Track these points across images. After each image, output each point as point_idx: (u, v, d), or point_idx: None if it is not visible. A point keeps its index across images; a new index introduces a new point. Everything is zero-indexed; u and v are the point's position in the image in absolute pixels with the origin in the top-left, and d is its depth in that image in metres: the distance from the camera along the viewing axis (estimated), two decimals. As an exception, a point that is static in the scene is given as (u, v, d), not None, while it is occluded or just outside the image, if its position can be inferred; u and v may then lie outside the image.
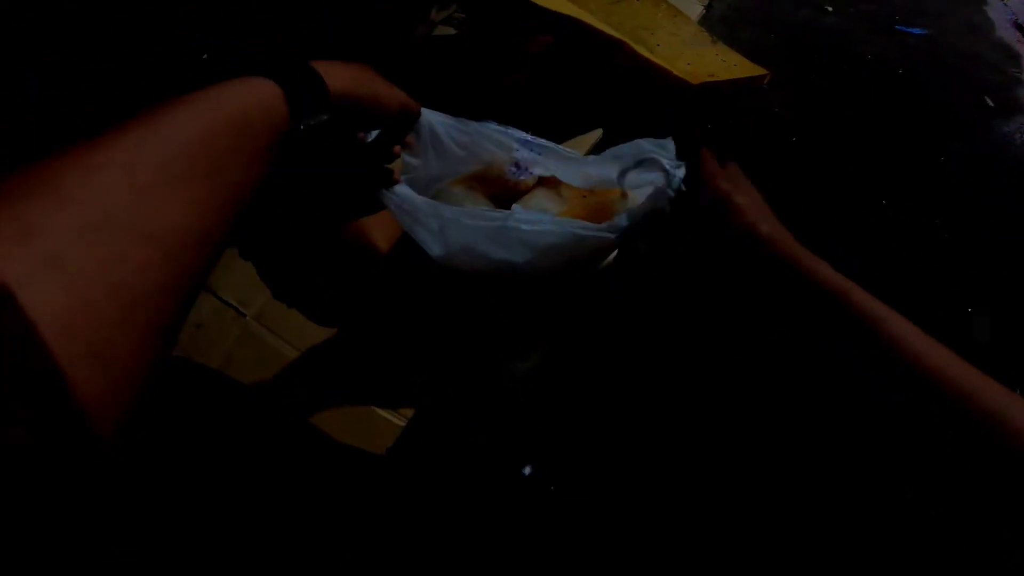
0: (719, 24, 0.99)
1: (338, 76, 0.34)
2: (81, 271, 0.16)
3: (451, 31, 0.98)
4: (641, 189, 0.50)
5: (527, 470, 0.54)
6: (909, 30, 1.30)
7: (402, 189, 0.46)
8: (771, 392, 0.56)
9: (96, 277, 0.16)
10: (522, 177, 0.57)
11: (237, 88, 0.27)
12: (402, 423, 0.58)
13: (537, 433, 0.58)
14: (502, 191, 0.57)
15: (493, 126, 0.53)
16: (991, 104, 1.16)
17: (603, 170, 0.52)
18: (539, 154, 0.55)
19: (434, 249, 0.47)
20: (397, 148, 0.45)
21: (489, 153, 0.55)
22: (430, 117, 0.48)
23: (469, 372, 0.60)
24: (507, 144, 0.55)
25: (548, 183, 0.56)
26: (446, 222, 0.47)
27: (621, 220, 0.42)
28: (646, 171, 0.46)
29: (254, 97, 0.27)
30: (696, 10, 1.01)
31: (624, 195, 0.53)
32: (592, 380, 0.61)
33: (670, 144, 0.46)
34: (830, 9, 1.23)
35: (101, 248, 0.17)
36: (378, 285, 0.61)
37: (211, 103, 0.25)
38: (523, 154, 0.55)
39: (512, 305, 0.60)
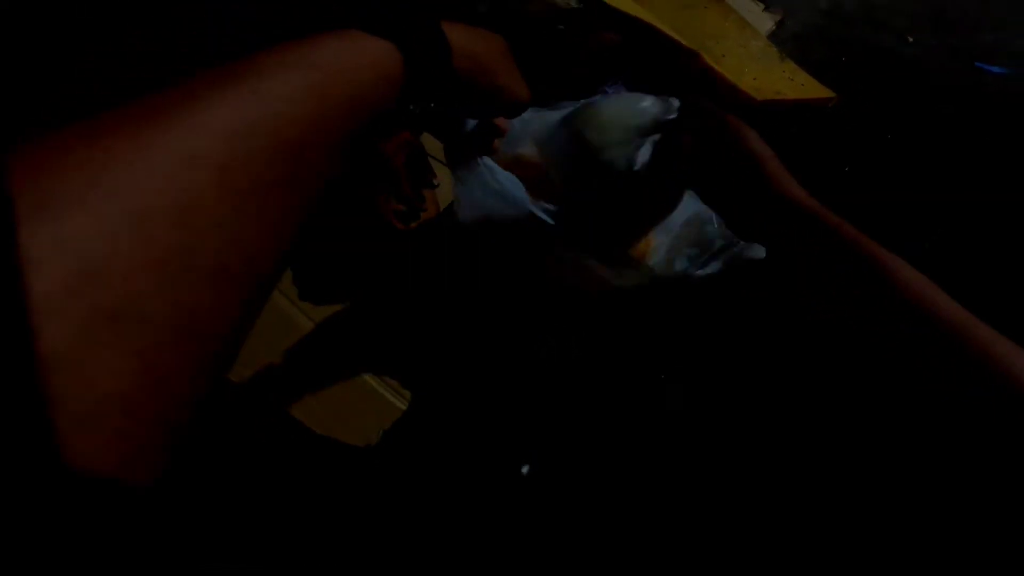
0: (790, 41, 0.97)
1: (466, 51, 0.26)
2: (157, 321, 0.12)
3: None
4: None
5: (525, 469, 0.53)
6: (989, 68, 1.24)
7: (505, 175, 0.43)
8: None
9: (171, 331, 0.12)
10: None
11: (350, 47, 0.20)
12: (403, 406, 0.57)
13: (543, 429, 0.57)
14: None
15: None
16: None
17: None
18: None
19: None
20: (497, 143, 0.40)
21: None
22: None
23: (487, 356, 0.59)
24: None
25: None
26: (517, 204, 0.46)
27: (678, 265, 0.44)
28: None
29: (371, 64, 0.20)
30: (767, 25, 0.98)
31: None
32: (611, 376, 0.61)
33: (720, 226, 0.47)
34: (911, 39, 1.18)
35: (180, 292, 0.13)
36: (402, 258, 0.60)
37: (324, 68, 0.18)
38: None
39: (540, 289, 0.60)
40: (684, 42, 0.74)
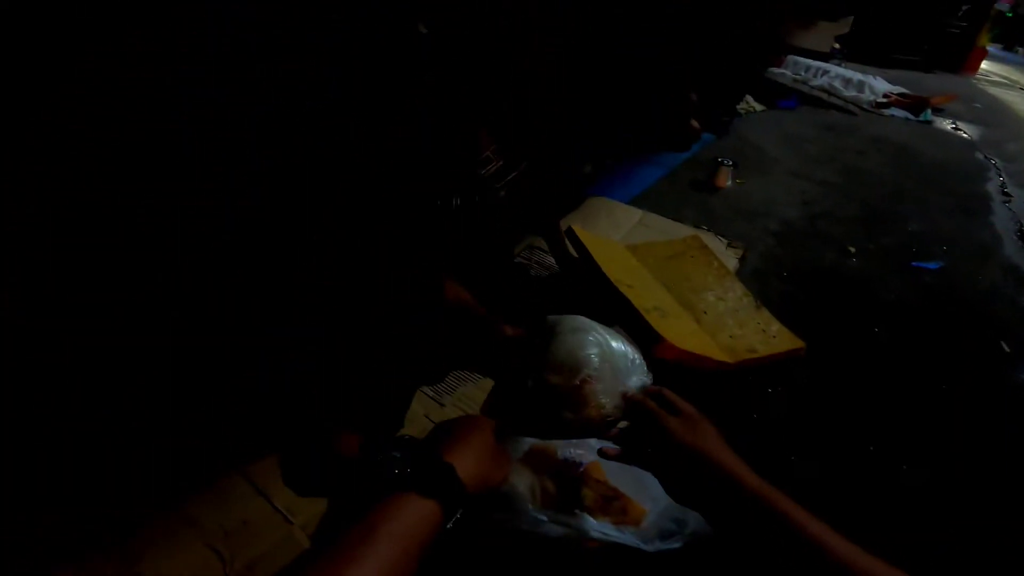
0: (752, 279, 1.09)
1: (474, 479, 0.38)
2: None
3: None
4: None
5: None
6: (924, 265, 1.37)
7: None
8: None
9: None
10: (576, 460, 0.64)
11: (416, 517, 0.32)
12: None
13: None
14: (554, 470, 0.64)
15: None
16: (1007, 350, 1.14)
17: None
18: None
19: None
20: None
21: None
22: None
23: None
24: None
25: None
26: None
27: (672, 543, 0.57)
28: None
29: (429, 522, 0.32)
30: (731, 263, 1.12)
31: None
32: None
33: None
34: (853, 250, 1.34)
35: None
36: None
37: (406, 537, 0.30)
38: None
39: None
40: (658, 329, 0.80)
